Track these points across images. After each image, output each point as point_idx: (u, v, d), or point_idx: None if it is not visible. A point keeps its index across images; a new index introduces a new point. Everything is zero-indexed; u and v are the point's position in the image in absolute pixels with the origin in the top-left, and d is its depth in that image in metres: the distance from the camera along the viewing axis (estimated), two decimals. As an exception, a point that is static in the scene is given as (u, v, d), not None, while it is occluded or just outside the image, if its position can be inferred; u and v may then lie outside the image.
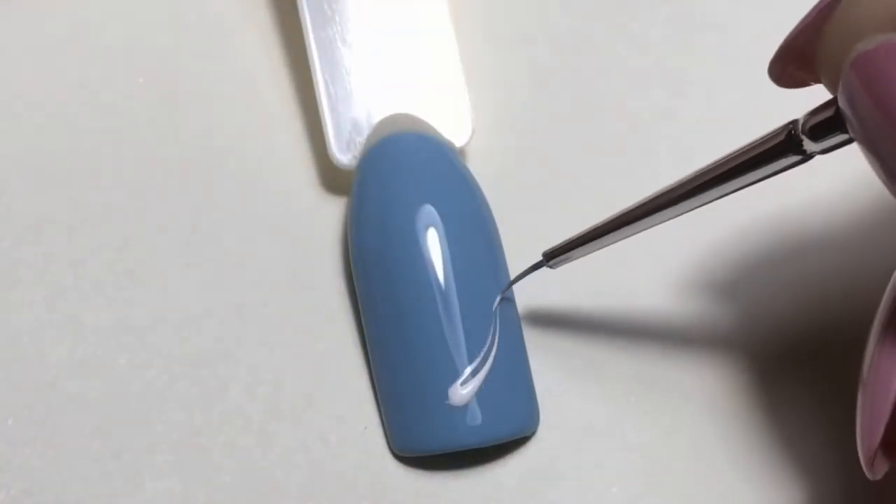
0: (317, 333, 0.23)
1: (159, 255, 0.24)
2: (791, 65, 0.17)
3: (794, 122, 0.16)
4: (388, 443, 0.22)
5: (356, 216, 0.22)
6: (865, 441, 0.17)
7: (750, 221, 0.24)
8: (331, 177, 0.24)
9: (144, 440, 0.22)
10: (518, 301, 0.22)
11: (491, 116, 0.25)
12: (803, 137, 0.16)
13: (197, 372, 0.23)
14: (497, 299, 0.21)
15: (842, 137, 0.16)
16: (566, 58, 0.26)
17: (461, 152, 0.24)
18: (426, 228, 0.21)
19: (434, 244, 0.21)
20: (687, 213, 0.19)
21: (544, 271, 0.21)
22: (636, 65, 0.26)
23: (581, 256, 0.20)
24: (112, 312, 0.23)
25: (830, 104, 0.16)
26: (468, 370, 0.21)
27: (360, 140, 0.23)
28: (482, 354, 0.21)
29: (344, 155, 0.23)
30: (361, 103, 0.23)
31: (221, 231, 0.24)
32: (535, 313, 0.23)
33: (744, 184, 0.17)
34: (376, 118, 0.23)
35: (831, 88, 0.16)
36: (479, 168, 0.23)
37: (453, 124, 0.23)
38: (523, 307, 0.23)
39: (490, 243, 0.22)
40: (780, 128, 0.17)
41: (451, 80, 0.24)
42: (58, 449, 0.22)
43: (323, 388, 0.22)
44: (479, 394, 0.21)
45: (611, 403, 0.22)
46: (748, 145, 0.17)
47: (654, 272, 0.23)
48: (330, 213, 0.24)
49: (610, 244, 0.20)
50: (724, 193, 0.18)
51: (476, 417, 0.21)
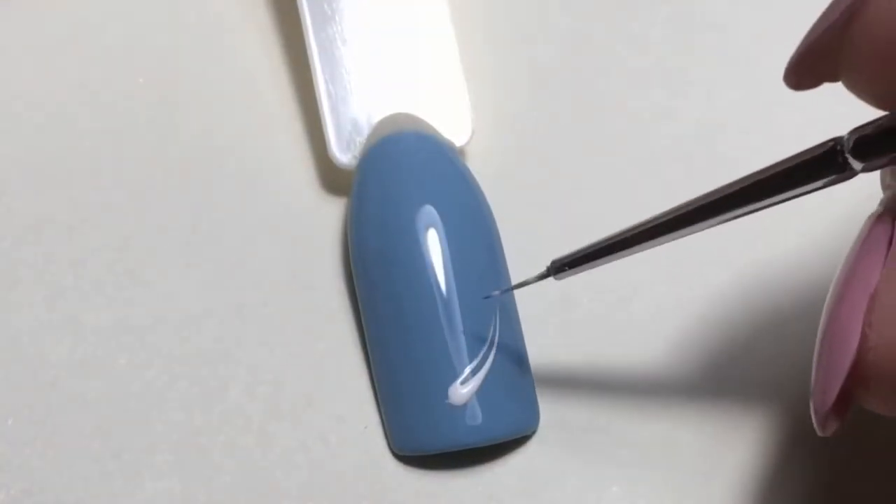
0: (317, 333, 0.23)
1: (159, 255, 0.24)
2: (811, 70, 0.16)
3: (839, 139, 0.15)
4: (389, 442, 0.22)
5: (356, 216, 0.22)
6: (819, 398, 0.16)
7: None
8: (331, 176, 0.24)
9: (144, 440, 0.22)
10: (518, 300, 0.22)
11: (491, 116, 0.25)
12: (848, 155, 0.15)
13: (197, 372, 0.23)
14: (496, 293, 0.21)
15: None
16: (566, 57, 0.26)
17: (461, 152, 0.24)
18: (426, 228, 0.21)
19: (434, 244, 0.21)
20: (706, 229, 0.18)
21: (543, 268, 0.21)
22: (636, 65, 0.26)
23: (589, 269, 0.19)
24: (112, 312, 0.23)
25: (885, 119, 0.15)
26: (468, 369, 0.21)
27: (360, 140, 0.23)
28: (482, 354, 0.21)
29: (344, 154, 0.23)
30: (361, 103, 0.23)
31: (221, 231, 0.24)
32: (536, 312, 0.23)
33: (775, 201, 0.16)
34: (376, 118, 0.23)
35: (867, 96, 0.15)
36: (479, 167, 0.23)
37: (453, 124, 0.23)
38: (523, 306, 0.23)
39: (490, 243, 0.22)
40: (821, 144, 0.16)
41: (451, 80, 0.24)
42: (58, 449, 0.22)
43: (323, 388, 0.22)
44: (480, 393, 0.21)
45: (611, 402, 0.22)
46: (785, 160, 0.16)
47: (656, 271, 0.23)
48: (330, 213, 0.24)
49: (625, 257, 0.19)
50: (753, 210, 0.17)
51: (476, 417, 0.21)
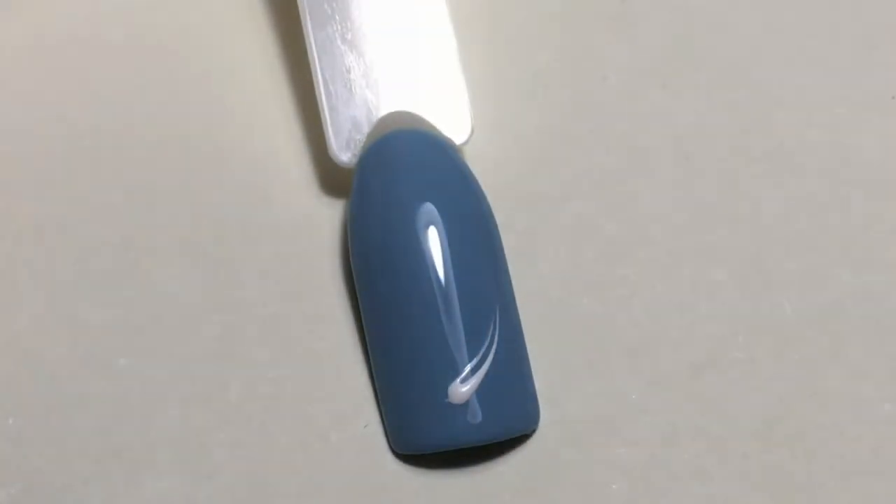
0: (317, 331, 0.23)
1: (159, 255, 0.24)
2: None
3: None
4: (389, 441, 0.22)
5: (356, 214, 0.22)
6: None
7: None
8: (330, 175, 0.24)
9: (144, 439, 0.22)
10: (518, 298, 0.22)
11: (491, 114, 0.25)
12: None
13: (197, 371, 0.23)
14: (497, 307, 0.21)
15: None
16: (566, 56, 0.26)
17: (461, 150, 0.24)
18: (426, 226, 0.21)
19: (434, 241, 0.21)
20: None
21: (545, 266, 0.21)
22: (636, 64, 0.26)
23: None
24: (112, 311, 0.23)
25: None
26: (468, 368, 0.21)
27: (360, 138, 0.23)
28: (482, 352, 0.21)
29: (344, 153, 0.23)
30: (361, 101, 0.23)
31: (221, 229, 0.24)
32: (535, 310, 0.23)
33: None
34: (376, 116, 0.23)
35: None
36: (479, 166, 0.23)
37: (453, 122, 0.23)
38: (524, 304, 0.23)
39: (490, 241, 0.22)
40: None
41: (451, 78, 0.24)
42: (58, 448, 0.22)
43: (323, 387, 0.22)
44: (479, 392, 0.21)
45: (612, 401, 0.22)
46: None
47: (656, 269, 0.23)
48: (330, 212, 0.24)
49: None
50: None
51: (476, 415, 0.21)
